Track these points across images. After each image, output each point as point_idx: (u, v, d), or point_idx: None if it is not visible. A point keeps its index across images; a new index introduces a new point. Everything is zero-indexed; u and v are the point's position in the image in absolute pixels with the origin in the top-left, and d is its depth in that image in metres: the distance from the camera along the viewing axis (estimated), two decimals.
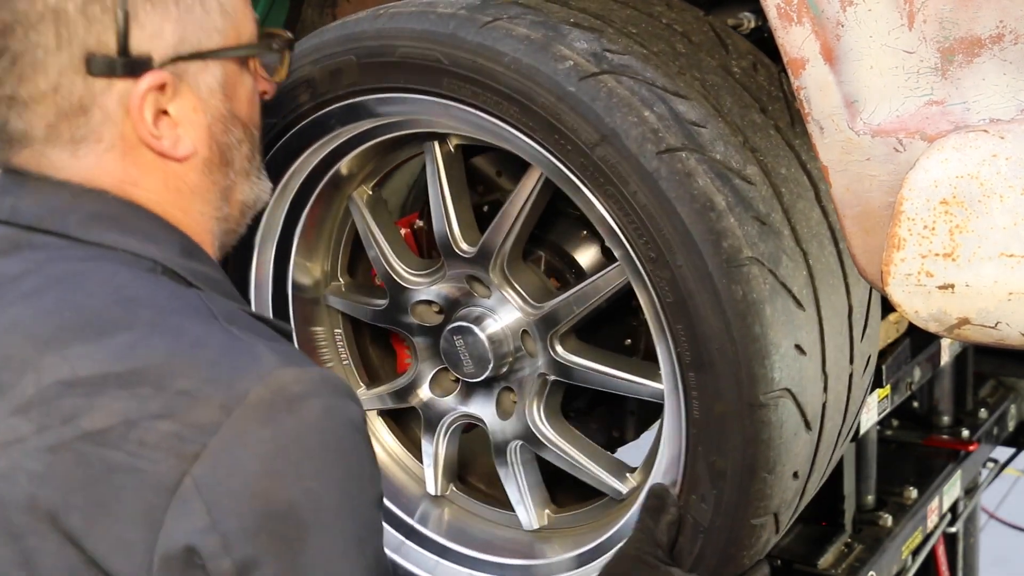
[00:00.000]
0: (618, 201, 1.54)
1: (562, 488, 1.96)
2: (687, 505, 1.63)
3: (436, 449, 1.97)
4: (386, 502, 2.04)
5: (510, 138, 1.63)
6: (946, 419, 2.79)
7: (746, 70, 1.70)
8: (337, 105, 1.76)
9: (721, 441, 1.56)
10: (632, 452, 1.99)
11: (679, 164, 1.51)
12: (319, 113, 1.78)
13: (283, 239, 1.96)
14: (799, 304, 1.56)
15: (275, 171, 1.86)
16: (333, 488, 1.20)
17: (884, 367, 2.22)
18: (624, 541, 1.64)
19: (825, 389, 1.64)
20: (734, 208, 1.52)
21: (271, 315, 2.00)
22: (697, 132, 1.55)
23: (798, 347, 1.56)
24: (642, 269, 1.56)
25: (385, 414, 2.10)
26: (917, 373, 2.40)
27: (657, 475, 1.70)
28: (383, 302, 1.94)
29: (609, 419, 2.03)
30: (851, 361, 1.71)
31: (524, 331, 1.82)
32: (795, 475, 1.63)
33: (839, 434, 1.76)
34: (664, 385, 1.64)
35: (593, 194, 1.57)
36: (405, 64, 1.66)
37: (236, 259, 1.95)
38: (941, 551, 2.78)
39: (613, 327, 1.89)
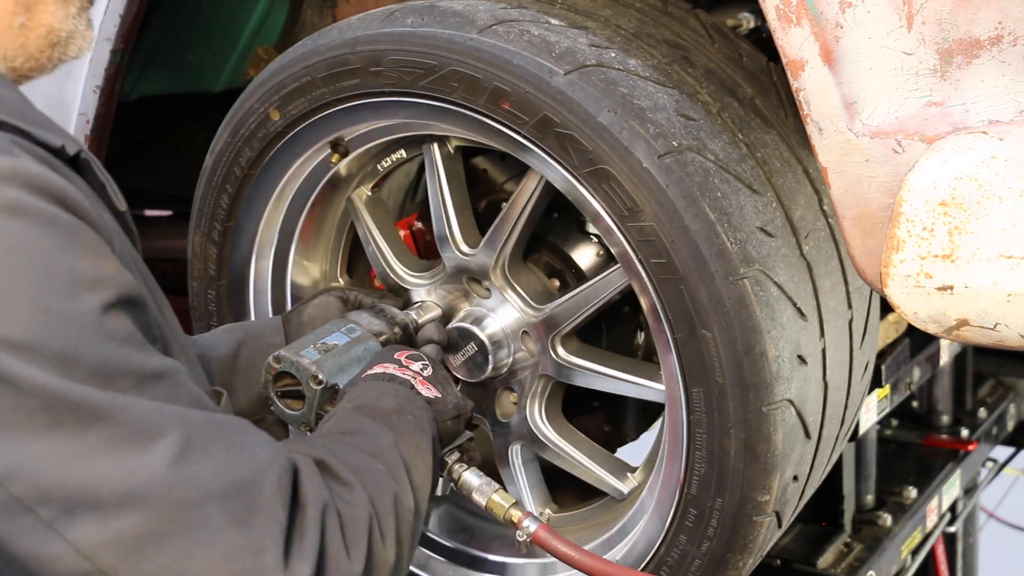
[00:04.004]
0: (614, 202, 1.55)
1: (563, 488, 1.96)
2: (689, 505, 1.63)
3: None
4: None
5: (507, 140, 1.63)
6: (945, 419, 2.79)
7: (748, 64, 1.71)
8: (333, 109, 1.76)
9: (722, 447, 1.57)
10: (632, 452, 2.00)
11: (678, 165, 1.51)
12: (315, 118, 1.78)
13: (282, 240, 1.96)
14: (801, 314, 1.57)
15: (274, 172, 1.87)
16: (21, 299, 1.05)
17: (884, 367, 2.22)
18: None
19: (825, 397, 1.64)
20: (735, 212, 1.52)
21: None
22: (696, 131, 1.55)
23: (800, 356, 1.57)
24: (643, 271, 1.56)
25: None
26: (916, 373, 2.41)
27: (658, 475, 1.71)
28: None
29: (610, 419, 2.03)
30: (850, 369, 1.72)
31: (524, 332, 1.82)
32: (795, 478, 1.64)
33: (837, 437, 1.77)
34: (665, 389, 1.65)
35: (591, 195, 1.57)
36: (398, 68, 1.66)
37: (235, 259, 1.95)
38: (940, 551, 2.79)
39: (614, 328, 1.89)
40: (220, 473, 1.11)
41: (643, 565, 1.72)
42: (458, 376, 1.88)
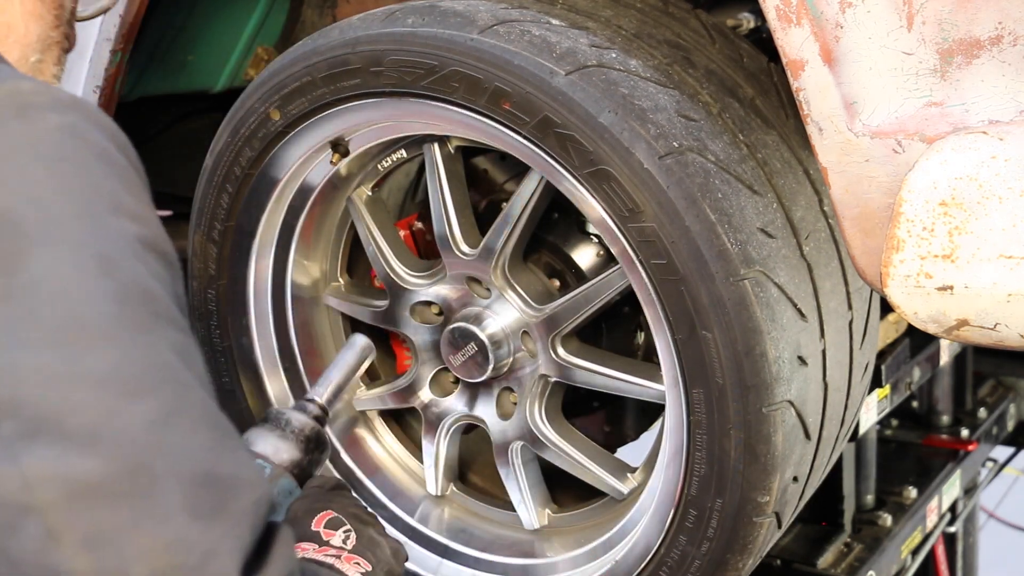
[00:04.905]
0: (614, 203, 1.55)
1: (563, 488, 1.96)
2: (688, 506, 1.64)
3: (437, 449, 1.97)
4: (387, 501, 2.05)
5: (507, 140, 1.63)
6: (945, 419, 2.80)
7: (749, 64, 1.71)
8: (334, 109, 1.76)
9: (723, 448, 1.57)
10: (632, 452, 2.00)
11: (679, 166, 1.51)
12: (315, 118, 1.78)
13: (282, 240, 1.96)
14: (801, 315, 1.57)
15: (274, 172, 1.87)
16: (67, 199, 1.03)
17: (884, 367, 2.23)
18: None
19: (825, 398, 1.64)
20: (736, 213, 1.52)
21: (270, 318, 2.00)
22: (696, 132, 1.55)
23: (800, 358, 1.57)
24: (643, 272, 1.56)
25: (386, 414, 2.10)
26: (916, 373, 2.41)
27: (658, 475, 1.71)
28: (382, 303, 1.95)
29: (610, 419, 2.03)
30: (850, 370, 1.72)
31: (524, 332, 1.82)
32: (795, 479, 1.64)
33: (837, 438, 1.77)
34: (666, 390, 1.65)
35: (591, 195, 1.57)
36: (399, 68, 1.66)
37: (234, 259, 1.95)
38: (940, 551, 2.79)
39: (614, 328, 1.89)
40: (197, 458, 1.01)
41: (643, 565, 1.72)
42: (458, 376, 1.88)
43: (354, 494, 1.39)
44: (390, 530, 2.01)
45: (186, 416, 1.02)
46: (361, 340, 1.55)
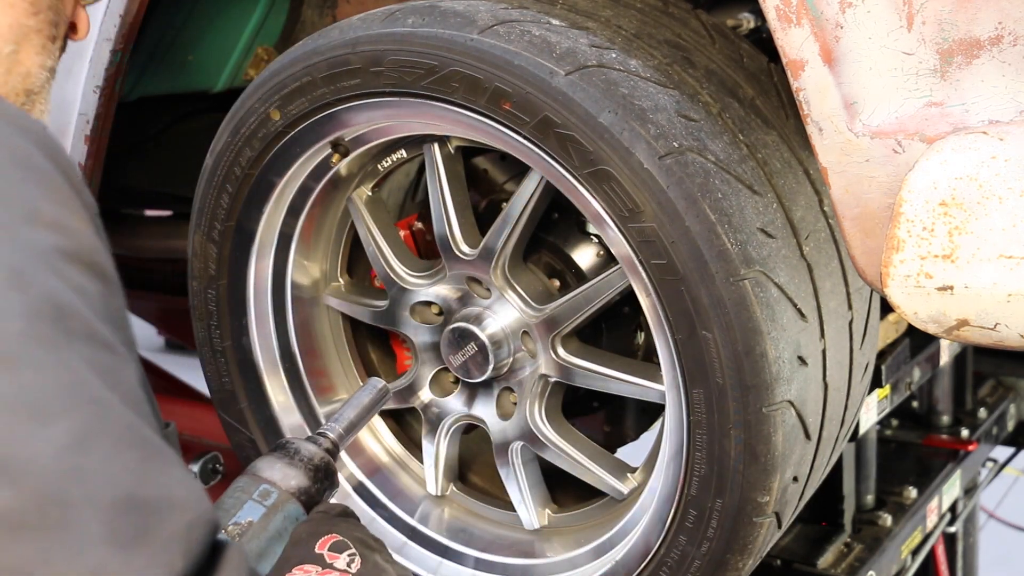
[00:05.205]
0: (614, 203, 1.55)
1: (563, 488, 1.96)
2: (688, 506, 1.63)
3: (437, 450, 1.97)
4: (387, 501, 2.05)
5: (507, 140, 1.63)
6: (945, 419, 2.79)
7: (749, 64, 1.71)
8: (334, 109, 1.76)
9: (723, 448, 1.57)
10: (632, 452, 2.00)
11: (679, 166, 1.51)
12: (315, 118, 1.78)
13: (282, 240, 1.96)
14: (802, 315, 1.57)
15: (274, 172, 1.87)
16: None
17: (884, 367, 2.23)
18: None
19: (825, 398, 1.64)
20: (736, 213, 1.52)
21: (270, 318, 2.00)
22: (696, 132, 1.55)
23: (800, 358, 1.57)
24: (643, 272, 1.56)
25: (385, 414, 2.11)
26: (916, 373, 2.41)
27: (658, 476, 1.71)
28: (382, 303, 1.95)
29: (610, 419, 2.03)
30: (850, 370, 1.72)
31: (524, 332, 1.82)
32: (795, 479, 1.64)
33: (837, 438, 1.77)
34: (666, 390, 1.65)
35: (591, 195, 1.57)
36: (399, 68, 1.66)
37: (234, 259, 1.95)
38: (940, 551, 2.79)
39: (614, 328, 1.89)
40: (117, 482, 0.94)
41: (643, 565, 1.72)
42: (458, 376, 1.88)
43: (361, 522, 1.38)
44: (390, 530, 2.02)
45: (104, 438, 0.95)
46: (378, 383, 1.56)
